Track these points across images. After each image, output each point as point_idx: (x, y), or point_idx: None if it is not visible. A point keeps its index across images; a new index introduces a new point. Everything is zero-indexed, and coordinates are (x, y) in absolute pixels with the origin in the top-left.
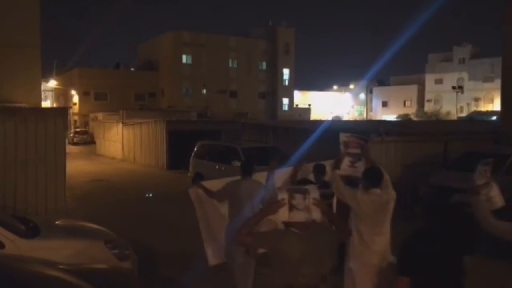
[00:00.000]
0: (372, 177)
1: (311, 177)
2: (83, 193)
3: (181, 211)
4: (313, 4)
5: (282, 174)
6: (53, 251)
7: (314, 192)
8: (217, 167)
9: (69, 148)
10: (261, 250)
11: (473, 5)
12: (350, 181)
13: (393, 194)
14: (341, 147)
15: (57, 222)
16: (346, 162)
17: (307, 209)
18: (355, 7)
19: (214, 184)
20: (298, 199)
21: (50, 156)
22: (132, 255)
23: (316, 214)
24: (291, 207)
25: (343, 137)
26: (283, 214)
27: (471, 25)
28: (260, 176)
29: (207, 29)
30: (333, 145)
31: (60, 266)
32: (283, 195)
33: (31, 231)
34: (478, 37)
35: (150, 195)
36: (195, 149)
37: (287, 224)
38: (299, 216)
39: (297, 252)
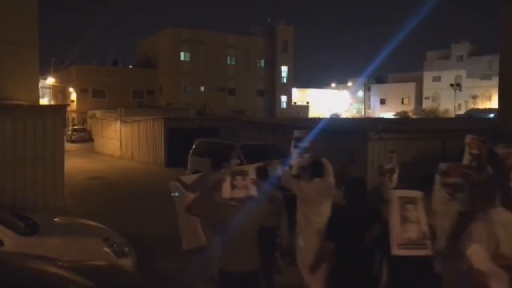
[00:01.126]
0: (315, 169)
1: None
2: (82, 190)
3: None
4: (312, 1)
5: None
6: (52, 248)
7: (252, 174)
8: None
9: (67, 146)
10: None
11: (472, 2)
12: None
13: (332, 182)
14: (293, 142)
15: (56, 220)
16: (295, 153)
17: (245, 187)
18: (353, 4)
19: (190, 178)
20: (238, 179)
21: (48, 153)
22: (131, 252)
23: (253, 191)
24: (233, 186)
25: (296, 133)
26: (226, 192)
27: (469, 23)
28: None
29: (205, 26)
30: (331, 142)
31: (59, 263)
32: (227, 177)
33: (30, 228)
34: (476, 34)
35: (176, 194)
36: (194, 146)
37: (229, 199)
38: (239, 193)
39: (240, 221)
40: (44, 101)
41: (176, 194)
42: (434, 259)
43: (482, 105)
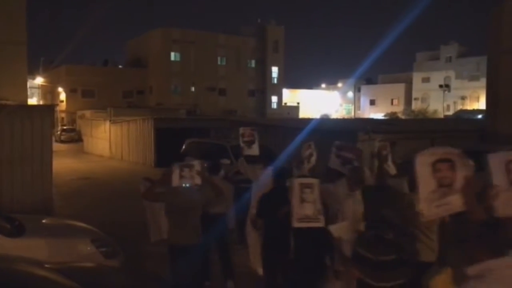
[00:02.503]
0: (267, 158)
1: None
2: (70, 191)
3: None
4: (302, 2)
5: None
6: (38, 249)
7: (198, 166)
8: (205, 165)
9: (56, 146)
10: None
11: (461, 4)
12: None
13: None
14: (240, 137)
15: (43, 221)
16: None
17: (191, 177)
18: (344, 5)
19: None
20: (185, 171)
21: (36, 153)
22: (119, 252)
23: (198, 180)
24: (181, 176)
25: (240, 130)
26: (175, 181)
27: (458, 24)
28: None
29: (196, 26)
30: (321, 143)
31: (46, 265)
32: (175, 170)
33: (16, 229)
34: (464, 36)
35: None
36: (183, 147)
37: (177, 187)
38: (185, 182)
39: (184, 203)
40: (33, 101)
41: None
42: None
43: (470, 106)
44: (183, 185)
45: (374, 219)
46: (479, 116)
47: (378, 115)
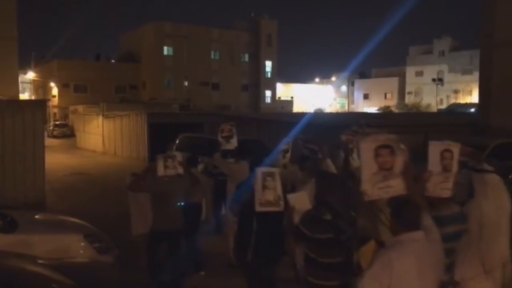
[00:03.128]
0: (241, 152)
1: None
2: (63, 186)
3: None
4: None
5: None
6: (31, 245)
7: (179, 157)
8: (199, 159)
9: (49, 141)
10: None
11: None
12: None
13: (246, 164)
14: (219, 133)
15: (36, 217)
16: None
17: (174, 167)
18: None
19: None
20: (169, 161)
21: (28, 149)
22: (112, 248)
23: (180, 170)
24: (165, 167)
25: (221, 126)
26: (160, 171)
27: (451, 18)
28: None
29: (189, 20)
30: (315, 137)
31: (39, 261)
32: (159, 161)
33: (9, 225)
34: (458, 30)
35: (182, 204)
36: (177, 141)
37: (163, 176)
38: (169, 172)
39: (167, 191)
40: (24, 96)
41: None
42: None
43: (463, 99)
44: (167, 174)
45: (318, 202)
46: (472, 110)
47: (372, 109)
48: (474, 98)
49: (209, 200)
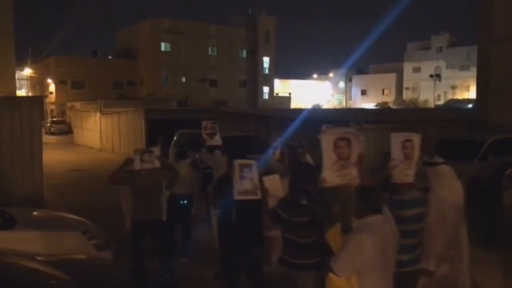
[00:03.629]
0: (226, 148)
1: None
2: (61, 183)
3: None
4: None
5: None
6: (29, 242)
7: (156, 151)
8: (197, 156)
9: (46, 138)
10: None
11: None
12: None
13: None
14: (203, 130)
15: (34, 213)
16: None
17: (151, 162)
18: None
19: None
20: (146, 156)
21: (26, 146)
22: (111, 245)
23: (157, 164)
24: (142, 161)
25: (202, 123)
26: (137, 165)
27: (448, 14)
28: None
29: (186, 16)
30: (313, 134)
31: (38, 258)
32: (136, 156)
33: (7, 222)
34: (455, 26)
35: (185, 202)
36: (175, 138)
37: (139, 170)
38: (146, 166)
39: (146, 183)
40: (21, 92)
41: None
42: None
43: (460, 95)
44: (144, 168)
45: (294, 189)
46: (470, 106)
47: (370, 105)
48: (471, 94)
49: (197, 192)
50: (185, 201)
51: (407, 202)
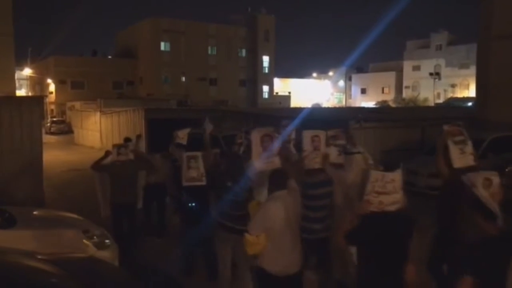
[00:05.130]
0: (190, 145)
1: None
2: (61, 183)
3: None
4: None
5: None
6: (30, 241)
7: (131, 146)
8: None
9: (46, 138)
10: None
11: None
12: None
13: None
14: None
15: (34, 212)
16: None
17: (126, 154)
18: None
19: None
20: (122, 150)
21: (26, 145)
22: (111, 244)
23: (131, 156)
24: (118, 153)
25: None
26: (114, 157)
27: (448, 12)
28: None
29: (186, 16)
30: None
31: (38, 256)
32: (114, 149)
33: (7, 221)
34: (455, 24)
35: (193, 204)
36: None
37: (115, 161)
38: (122, 157)
39: (122, 172)
40: (21, 92)
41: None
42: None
43: (460, 93)
44: (120, 159)
45: (223, 174)
46: (469, 104)
47: (369, 103)
48: (471, 92)
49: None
50: (193, 204)
51: (317, 184)
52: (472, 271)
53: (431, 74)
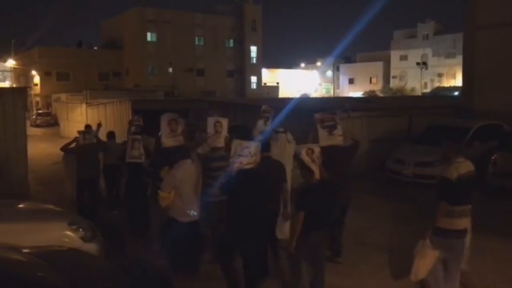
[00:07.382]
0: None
1: None
2: (47, 175)
3: None
4: None
5: None
6: (15, 234)
7: (93, 132)
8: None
9: (32, 131)
10: None
11: None
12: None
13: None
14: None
15: (19, 205)
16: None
17: (90, 139)
18: None
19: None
20: (87, 135)
21: (9, 138)
22: (97, 236)
23: (94, 140)
24: (84, 138)
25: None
26: (80, 140)
27: (434, 2)
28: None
29: (172, 5)
30: (301, 122)
31: (24, 250)
32: (81, 135)
33: None
34: (441, 13)
35: (194, 213)
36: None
37: (82, 144)
38: (87, 141)
39: (86, 153)
40: (5, 84)
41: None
42: None
43: (447, 83)
44: (85, 142)
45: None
46: (456, 93)
47: (357, 93)
48: (457, 81)
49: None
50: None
51: (217, 158)
52: (303, 207)
53: (418, 63)
